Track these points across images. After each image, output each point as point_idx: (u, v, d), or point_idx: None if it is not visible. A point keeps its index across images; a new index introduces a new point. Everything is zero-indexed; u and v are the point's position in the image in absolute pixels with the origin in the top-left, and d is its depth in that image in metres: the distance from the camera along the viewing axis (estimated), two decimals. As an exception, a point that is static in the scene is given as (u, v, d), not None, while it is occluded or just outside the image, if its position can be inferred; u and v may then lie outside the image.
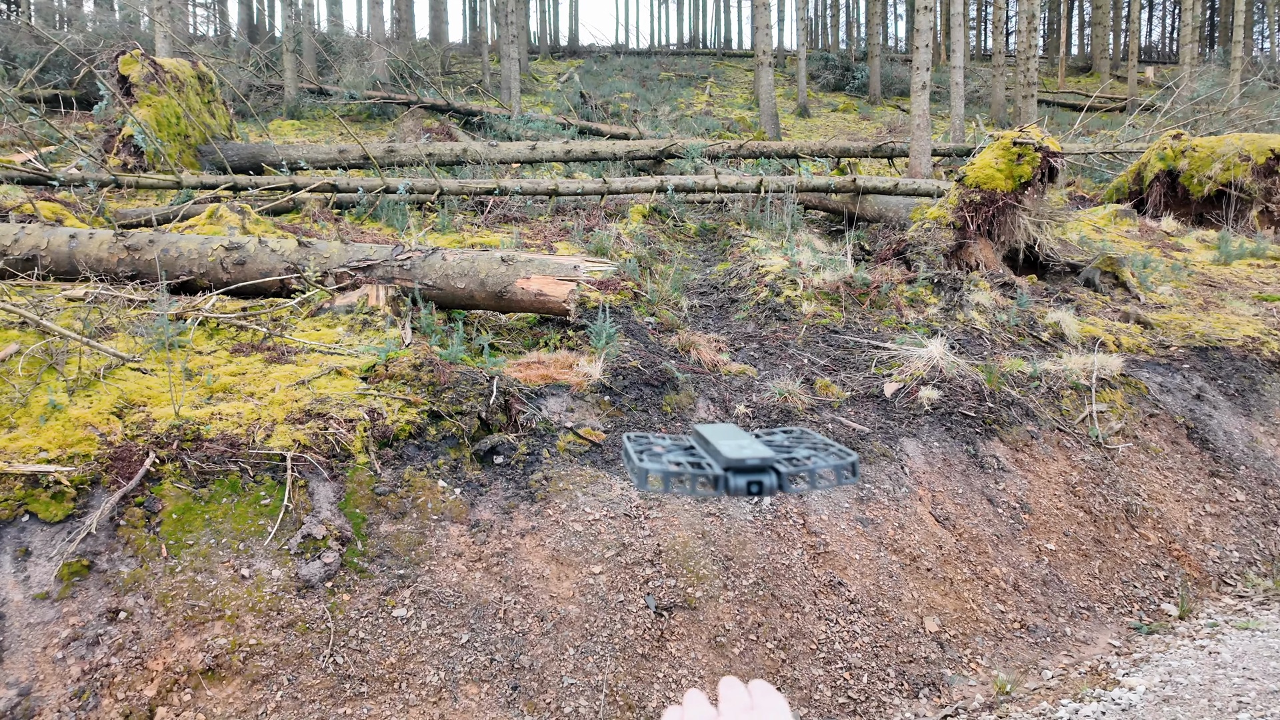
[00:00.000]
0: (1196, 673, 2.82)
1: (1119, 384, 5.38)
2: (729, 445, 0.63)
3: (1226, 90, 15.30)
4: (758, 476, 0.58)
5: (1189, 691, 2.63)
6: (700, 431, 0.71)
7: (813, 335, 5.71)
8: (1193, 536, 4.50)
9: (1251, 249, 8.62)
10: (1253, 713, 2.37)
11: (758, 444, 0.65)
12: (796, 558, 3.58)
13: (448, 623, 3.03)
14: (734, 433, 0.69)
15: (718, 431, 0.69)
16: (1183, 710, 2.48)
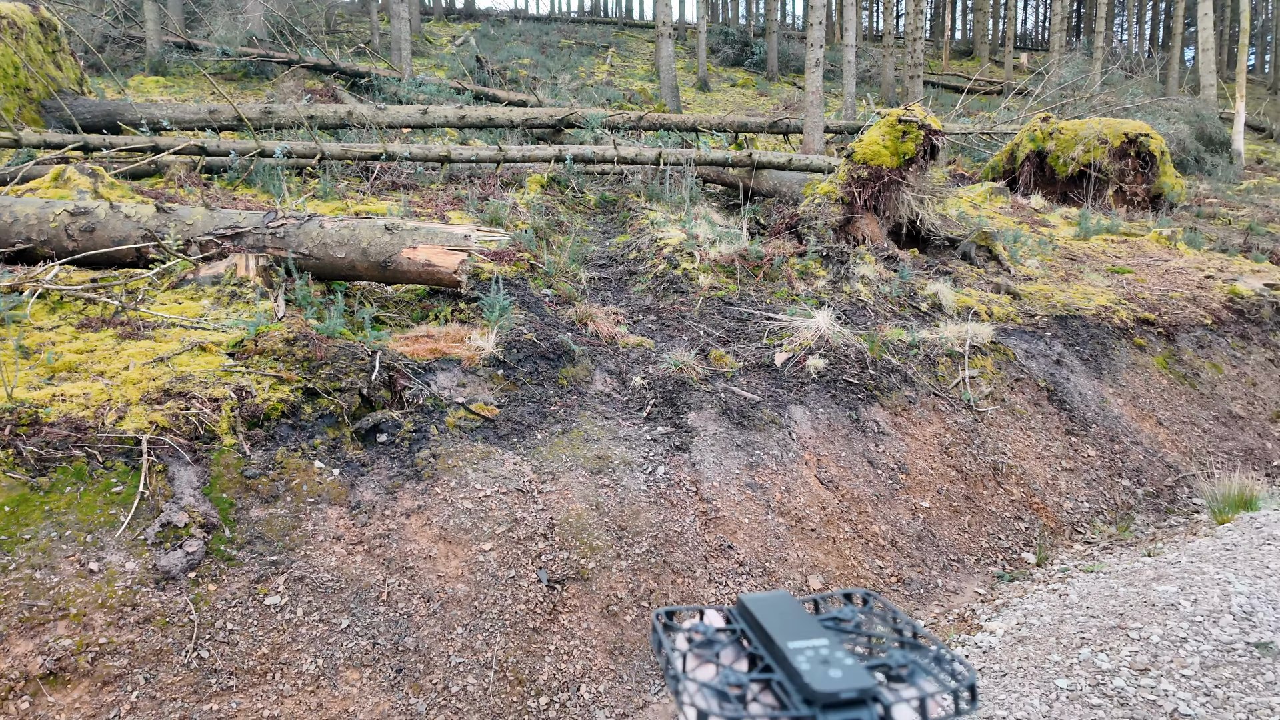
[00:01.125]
0: (1048, 614, 3.06)
1: (990, 351, 5.73)
2: (800, 648, 0.49)
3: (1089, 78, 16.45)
4: (856, 714, 0.44)
5: (1040, 632, 2.86)
6: (749, 608, 0.56)
7: (709, 307, 5.78)
8: (1050, 490, 4.88)
9: (1107, 225, 9.35)
10: (1093, 647, 2.60)
11: (839, 648, 0.49)
12: (689, 524, 3.64)
13: (326, 609, 2.90)
14: (793, 612, 0.54)
15: (770, 609, 0.55)
16: (1034, 649, 2.69)
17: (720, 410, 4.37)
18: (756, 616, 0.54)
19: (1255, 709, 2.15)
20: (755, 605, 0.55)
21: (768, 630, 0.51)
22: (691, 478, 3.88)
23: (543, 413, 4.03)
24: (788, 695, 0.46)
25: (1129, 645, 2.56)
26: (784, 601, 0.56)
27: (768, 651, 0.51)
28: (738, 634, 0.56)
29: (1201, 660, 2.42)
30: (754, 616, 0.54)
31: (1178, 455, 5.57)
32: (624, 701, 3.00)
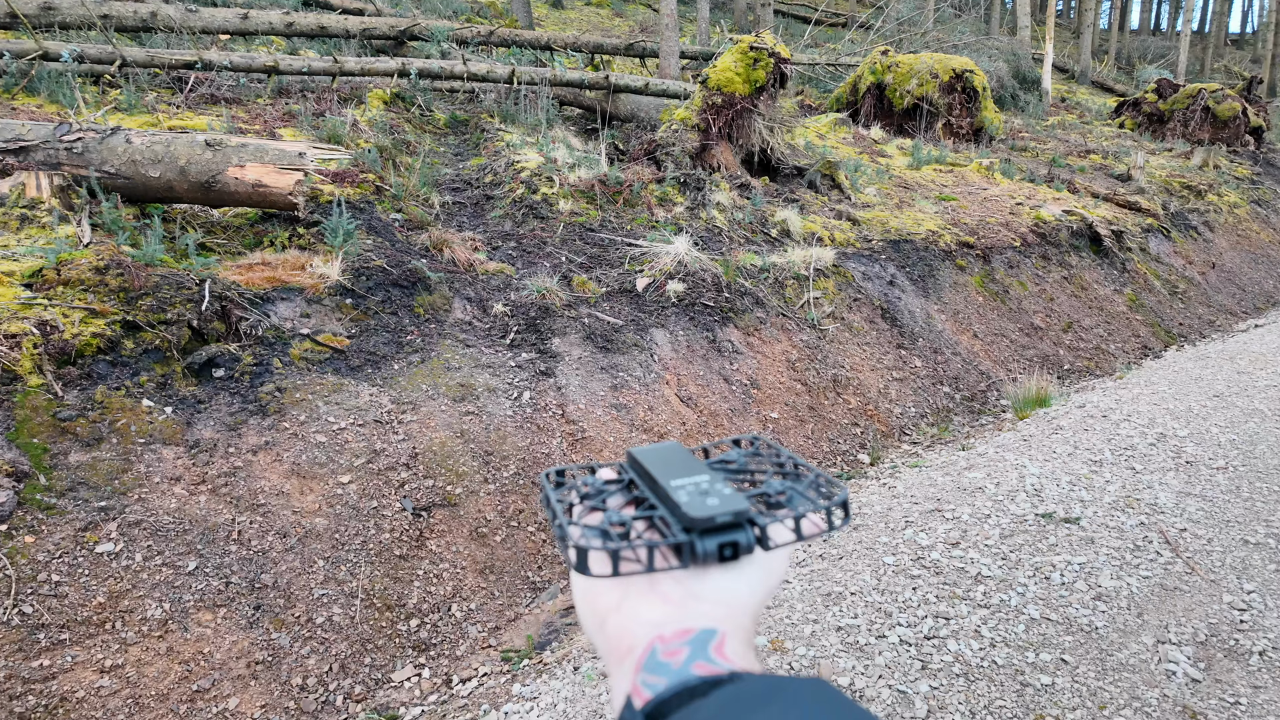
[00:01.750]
0: (879, 504, 3.42)
1: (832, 273, 6.11)
2: (682, 484, 0.50)
3: (924, 14, 17.36)
4: (731, 536, 0.45)
5: (871, 519, 3.19)
6: (637, 458, 0.56)
7: (570, 233, 5.73)
8: (883, 398, 5.37)
9: (936, 156, 10.08)
10: (915, 528, 2.94)
11: (719, 481, 0.50)
12: (556, 446, 3.70)
13: (170, 552, 2.72)
14: (679, 457, 0.54)
15: (658, 457, 0.55)
16: (866, 534, 3.01)
17: (584, 335, 4.41)
18: (644, 464, 0.54)
19: (1040, 566, 2.55)
20: (644, 455, 0.55)
21: (653, 474, 0.52)
22: (557, 401, 3.92)
23: (399, 342, 3.89)
24: (668, 526, 0.47)
25: (944, 524, 2.93)
26: (673, 450, 0.55)
27: (653, 493, 0.51)
28: (626, 483, 0.56)
29: (1000, 531, 2.81)
30: (642, 465, 0.54)
31: (989, 363, 6.27)
32: (496, 615, 3.07)
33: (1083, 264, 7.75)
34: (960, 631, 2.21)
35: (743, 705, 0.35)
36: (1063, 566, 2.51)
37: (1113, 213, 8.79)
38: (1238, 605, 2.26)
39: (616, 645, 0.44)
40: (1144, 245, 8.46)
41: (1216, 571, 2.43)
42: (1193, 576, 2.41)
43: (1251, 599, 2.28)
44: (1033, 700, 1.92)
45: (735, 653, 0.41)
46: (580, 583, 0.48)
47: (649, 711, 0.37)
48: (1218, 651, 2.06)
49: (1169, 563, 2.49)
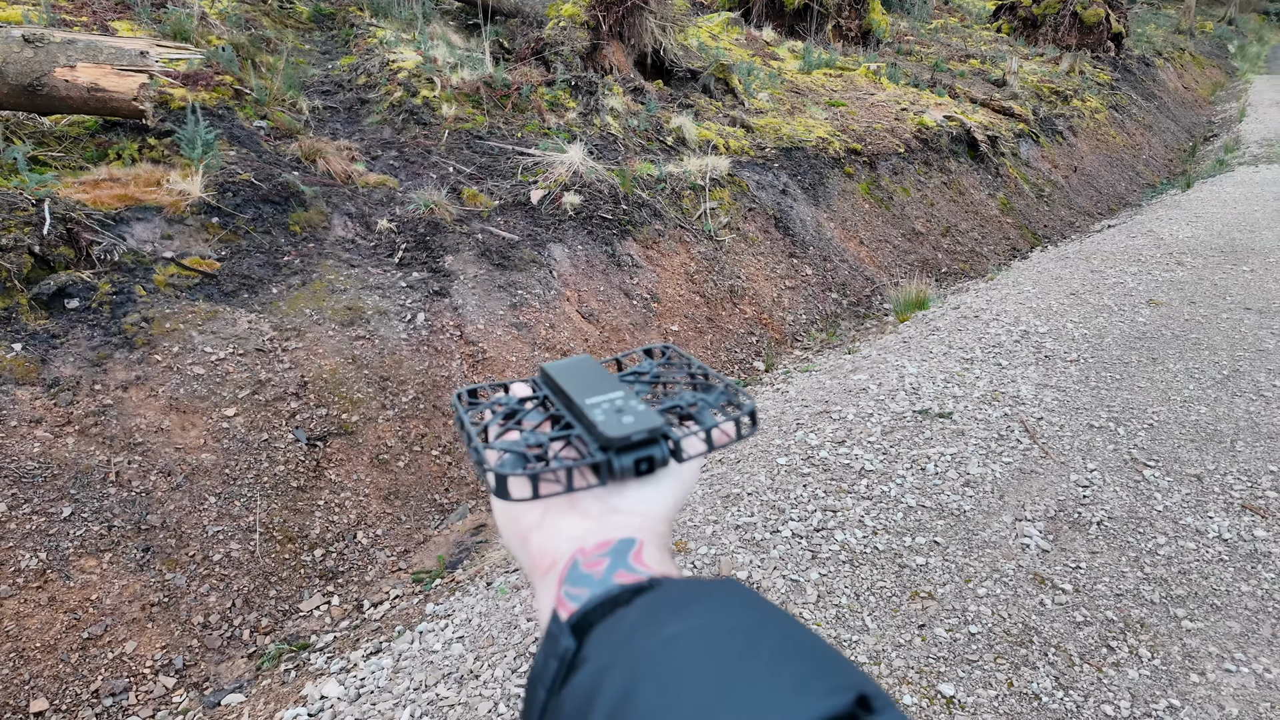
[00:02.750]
0: (773, 409, 3.59)
1: (727, 183, 6.13)
2: (597, 402, 0.49)
3: (814, -92, 16.88)
4: (647, 452, 0.46)
5: (766, 423, 3.35)
6: (550, 374, 0.55)
7: (456, 141, 5.43)
8: (776, 307, 5.54)
9: (826, 60, 10.09)
10: (806, 429, 3.12)
11: (632, 398, 0.50)
12: (455, 368, 3.63)
13: (39, 499, 2.53)
14: (592, 372, 0.55)
15: (572, 372, 0.55)
16: (761, 437, 3.17)
17: (479, 252, 4.26)
18: (558, 381, 0.54)
19: (917, 459, 2.77)
20: (557, 371, 0.55)
21: (567, 392, 0.52)
22: (454, 322, 3.82)
23: (276, 264, 3.64)
24: (585, 445, 0.48)
25: (832, 424, 3.12)
26: (585, 364, 0.56)
27: (568, 411, 0.52)
28: (541, 400, 0.56)
29: (882, 428, 3.02)
30: (556, 382, 0.54)
31: (874, 269, 6.56)
32: (404, 540, 3.07)
33: (961, 169, 8.11)
34: (846, 522, 2.40)
35: (664, 609, 0.36)
36: (936, 458, 2.74)
37: (989, 118, 9.17)
38: (1081, 483, 2.55)
39: (539, 562, 0.45)
40: (1015, 150, 8.93)
41: (1066, 454, 2.73)
42: (1046, 460, 2.69)
43: (1093, 476, 2.58)
44: (909, 579, 2.12)
45: (653, 559, 0.42)
46: (500, 503, 0.48)
47: (574, 623, 0.38)
48: (1064, 524, 2.33)
49: (1027, 449, 2.76)
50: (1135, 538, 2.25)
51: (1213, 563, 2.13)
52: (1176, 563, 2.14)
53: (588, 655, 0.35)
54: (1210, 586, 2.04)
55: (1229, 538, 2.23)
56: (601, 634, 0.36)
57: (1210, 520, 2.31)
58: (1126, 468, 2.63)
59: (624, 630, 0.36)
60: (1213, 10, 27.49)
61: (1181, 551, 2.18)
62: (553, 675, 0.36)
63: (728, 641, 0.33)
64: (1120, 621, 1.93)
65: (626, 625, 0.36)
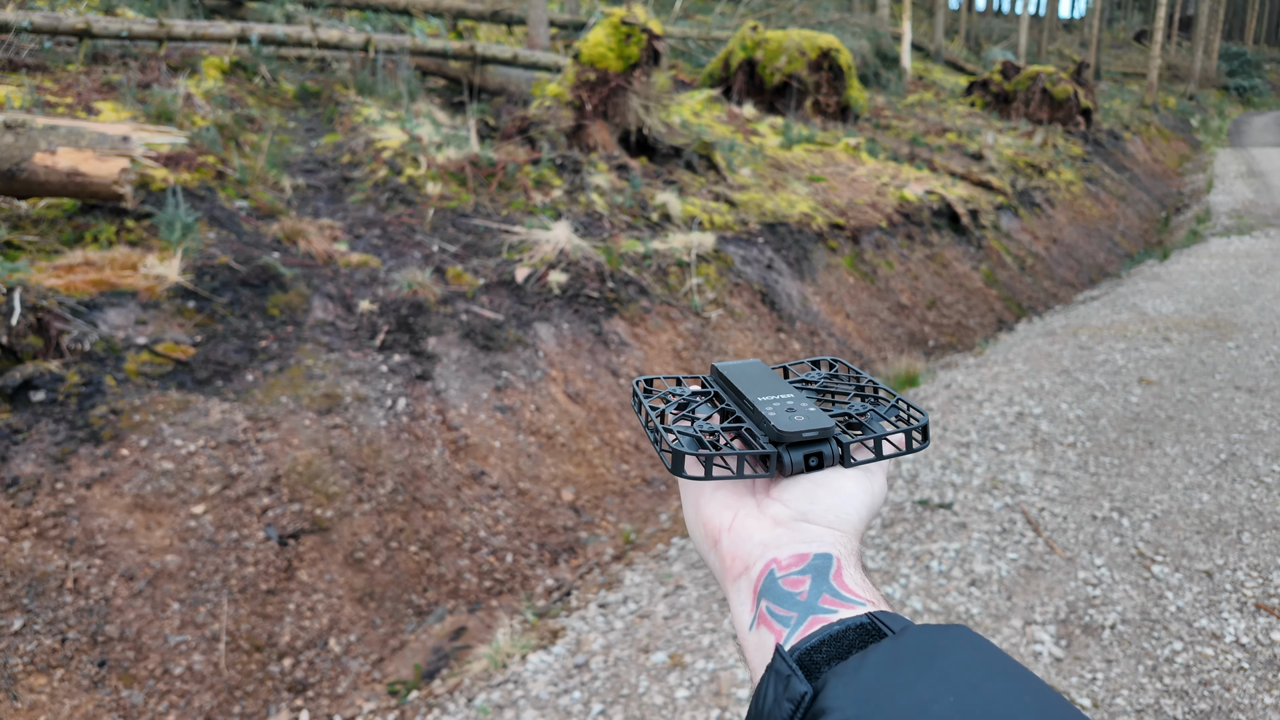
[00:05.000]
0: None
1: (712, 258, 6.15)
2: (769, 400, 0.51)
3: (790, -10, 17.70)
4: (816, 448, 0.48)
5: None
6: (722, 373, 0.58)
7: (441, 219, 5.43)
8: (765, 381, 5.48)
9: (806, 135, 10.36)
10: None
11: (803, 399, 0.52)
12: (437, 456, 3.50)
13: (-17, 616, 2.35)
14: (762, 374, 0.57)
15: (743, 373, 0.57)
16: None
17: (463, 333, 4.19)
18: (729, 379, 0.57)
19: (920, 555, 2.66)
20: (728, 370, 0.58)
21: (739, 388, 0.54)
22: (436, 407, 3.71)
23: (252, 350, 3.53)
24: (755, 438, 0.49)
25: (829, 516, 3.01)
26: (756, 367, 0.58)
27: (739, 406, 0.54)
28: (711, 395, 0.58)
29: (883, 521, 2.91)
30: (727, 379, 0.57)
31: (862, 342, 6.55)
32: (379, 646, 2.88)
33: (943, 242, 8.23)
34: (850, 631, 2.26)
35: (908, 665, 0.35)
36: (940, 554, 2.62)
37: (968, 191, 9.39)
38: (1090, 581, 2.44)
39: (730, 566, 0.46)
40: (996, 222, 9.10)
41: (1071, 549, 2.63)
42: (1052, 555, 2.59)
43: (1101, 574, 2.48)
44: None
45: (854, 581, 0.42)
46: (692, 505, 0.51)
47: (801, 659, 0.38)
48: (1076, 628, 2.21)
49: (1032, 543, 2.66)
50: (1150, 643, 2.14)
51: (1233, 672, 2.01)
52: (1196, 672, 2.02)
53: (830, 706, 0.34)
54: (1234, 700, 1.92)
55: (1246, 642, 2.12)
56: (841, 684, 0.35)
57: (1225, 622, 2.21)
58: (1134, 563, 2.53)
59: (868, 684, 0.35)
60: (1174, 86, 28.83)
61: (1200, 659, 2.07)
62: (786, 718, 0.36)
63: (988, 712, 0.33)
64: (1148, 748, 1.80)
65: (870, 679, 0.35)
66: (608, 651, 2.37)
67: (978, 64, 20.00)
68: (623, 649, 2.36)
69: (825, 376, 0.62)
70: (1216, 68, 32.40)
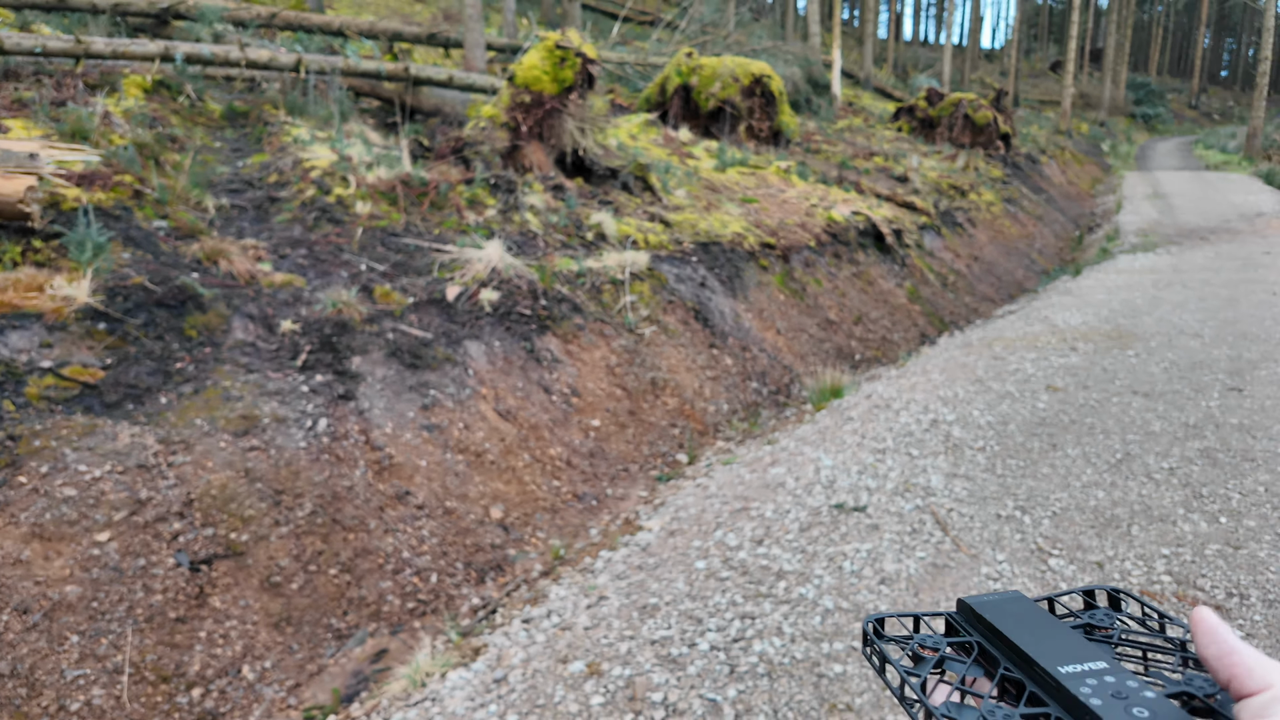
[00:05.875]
0: (694, 506, 3.53)
1: (646, 277, 6.24)
2: (1078, 675, 0.39)
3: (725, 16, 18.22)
4: None
5: (686, 522, 3.29)
6: (980, 614, 0.45)
7: (370, 239, 5.38)
8: (698, 397, 5.57)
9: (740, 158, 10.62)
10: (725, 528, 3.07)
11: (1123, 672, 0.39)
12: (359, 477, 3.45)
13: None
14: (1033, 617, 0.44)
15: (1008, 616, 0.44)
16: (680, 539, 3.09)
17: (389, 352, 4.15)
18: (995, 625, 0.44)
19: (834, 556, 2.74)
20: (988, 610, 0.45)
21: (1019, 646, 0.42)
22: (360, 427, 3.65)
23: (166, 372, 3.44)
24: None
25: (751, 523, 3.07)
26: (1019, 605, 0.45)
27: (1026, 675, 0.41)
28: (973, 648, 0.45)
29: (800, 525, 2.99)
30: (990, 625, 0.44)
31: (792, 357, 6.71)
32: (295, 671, 2.81)
33: (869, 260, 8.52)
34: (764, 631, 2.32)
35: None
36: (853, 554, 2.71)
37: (893, 212, 9.75)
38: (992, 575, 2.56)
39: None
40: (920, 241, 9.47)
41: (976, 546, 2.74)
42: (958, 553, 2.70)
43: (1003, 568, 2.60)
44: (827, 690, 2.05)
45: None
46: None
47: None
48: (977, 623, 2.31)
49: (940, 542, 2.77)
50: (1046, 634, 2.25)
51: (1120, 658, 2.14)
52: (1086, 660, 2.13)
53: None
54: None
55: (1133, 629, 2.25)
56: None
57: (1115, 612, 2.34)
58: (1034, 558, 2.66)
59: None
60: (1086, 113, 30.59)
61: (1090, 647, 2.19)
62: None
63: None
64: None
65: None
66: (527, 664, 2.36)
67: (905, 91, 20.88)
68: (542, 661, 2.36)
69: (1115, 619, 0.46)
70: (1124, 96, 34.55)
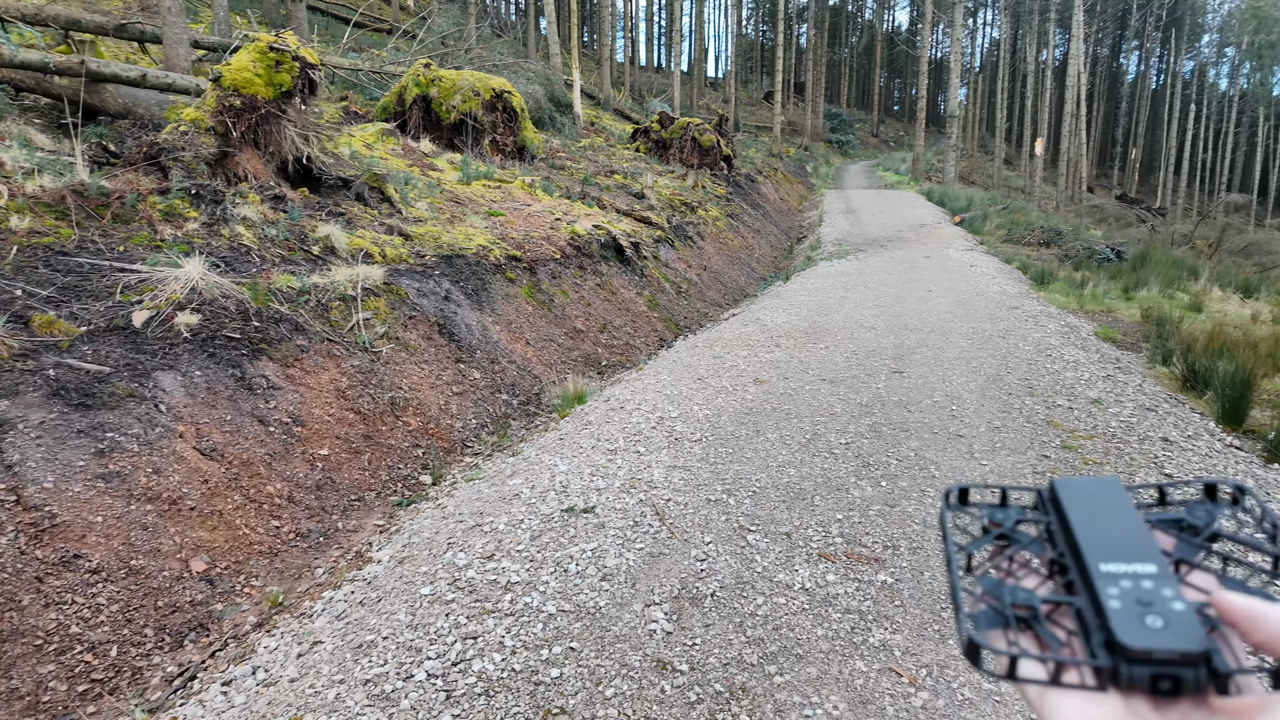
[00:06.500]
0: (429, 528, 3.42)
1: (383, 292, 5.96)
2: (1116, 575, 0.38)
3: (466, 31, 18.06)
4: (1173, 670, 0.35)
5: (418, 548, 3.18)
6: (1061, 498, 0.43)
7: (30, 259, 4.52)
8: (444, 414, 5.43)
9: (485, 172, 10.57)
10: (456, 548, 3.01)
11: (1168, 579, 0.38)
12: (6, 545, 2.86)
13: None
14: (1118, 509, 0.42)
15: (1089, 503, 0.42)
16: (410, 566, 2.98)
17: (50, 392, 3.50)
18: (1069, 514, 0.43)
19: (560, 560, 2.81)
20: (1072, 495, 0.44)
21: (1079, 540, 0.41)
22: (8, 485, 3.03)
23: None
24: (1085, 636, 0.38)
25: (482, 538, 3.05)
26: (1111, 492, 0.43)
27: (1075, 565, 0.41)
28: (1045, 529, 0.44)
29: (531, 533, 3.03)
30: (1066, 515, 0.43)
31: (542, 367, 6.81)
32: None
33: (611, 271, 8.93)
34: (487, 648, 2.31)
35: None
36: (579, 556, 2.80)
37: (632, 226, 10.31)
38: (700, 557, 2.79)
39: None
40: (656, 254, 10.11)
41: (688, 531, 2.98)
42: (672, 540, 2.91)
43: (709, 549, 2.84)
44: (543, 698, 2.09)
45: None
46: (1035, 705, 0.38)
47: None
48: (685, 601, 2.50)
49: (658, 532, 2.96)
50: (741, 602, 2.50)
51: (797, 614, 2.44)
52: (771, 620, 2.41)
53: None
54: (795, 638, 2.32)
55: (809, 586, 2.59)
56: None
57: (796, 573, 2.67)
58: (735, 535, 2.95)
59: None
60: (794, 139, 34.89)
61: (775, 609, 2.47)
62: None
63: None
64: (726, 692, 2.10)
65: None
66: (220, 729, 2.12)
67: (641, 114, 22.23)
68: (238, 723, 2.13)
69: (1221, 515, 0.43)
70: (823, 125, 39.99)
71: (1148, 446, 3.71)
